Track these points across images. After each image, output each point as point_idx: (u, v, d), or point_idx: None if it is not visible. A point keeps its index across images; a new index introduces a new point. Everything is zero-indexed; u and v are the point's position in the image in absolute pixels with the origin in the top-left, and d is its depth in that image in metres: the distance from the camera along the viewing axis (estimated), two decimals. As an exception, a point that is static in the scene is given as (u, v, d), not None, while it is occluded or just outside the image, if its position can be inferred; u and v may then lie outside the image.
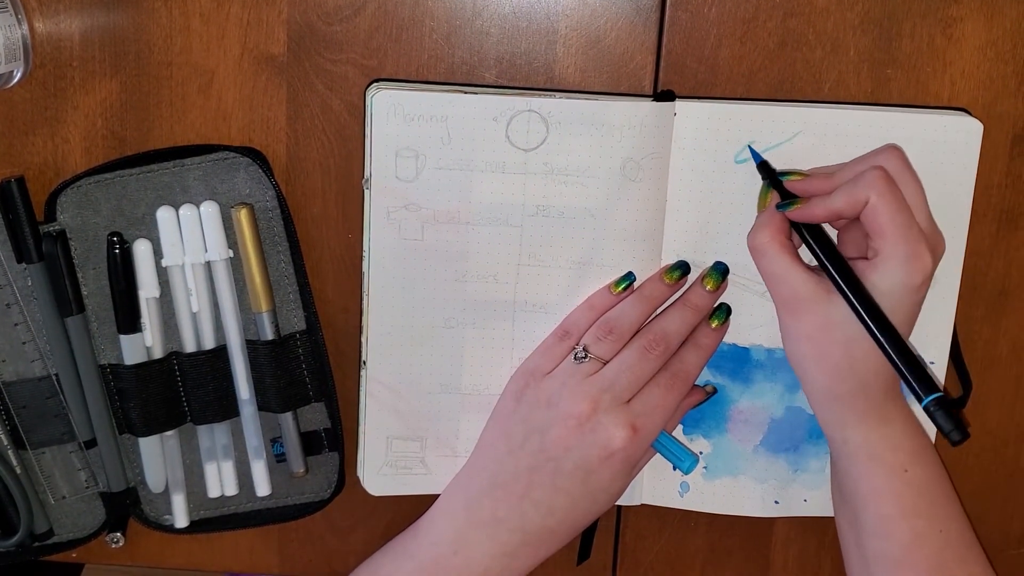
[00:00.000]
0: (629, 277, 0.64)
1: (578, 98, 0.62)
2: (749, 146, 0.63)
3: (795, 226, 0.61)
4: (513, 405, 0.64)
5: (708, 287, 0.64)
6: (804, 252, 0.62)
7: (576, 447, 0.61)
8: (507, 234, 0.64)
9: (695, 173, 0.63)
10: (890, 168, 0.59)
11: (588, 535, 0.70)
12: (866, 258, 0.59)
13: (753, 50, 0.63)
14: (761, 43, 0.63)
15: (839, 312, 0.58)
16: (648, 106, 0.62)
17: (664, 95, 0.63)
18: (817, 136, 0.62)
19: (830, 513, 0.68)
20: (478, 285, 0.65)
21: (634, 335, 0.63)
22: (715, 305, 0.65)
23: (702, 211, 0.64)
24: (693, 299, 0.64)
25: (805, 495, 0.68)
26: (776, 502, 0.68)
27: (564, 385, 0.62)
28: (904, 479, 0.60)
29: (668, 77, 0.64)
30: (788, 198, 0.61)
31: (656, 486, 0.68)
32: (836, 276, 0.58)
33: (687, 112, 0.62)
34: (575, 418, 0.61)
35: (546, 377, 0.63)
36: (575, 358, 0.62)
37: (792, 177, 0.62)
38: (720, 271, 0.64)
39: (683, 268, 0.64)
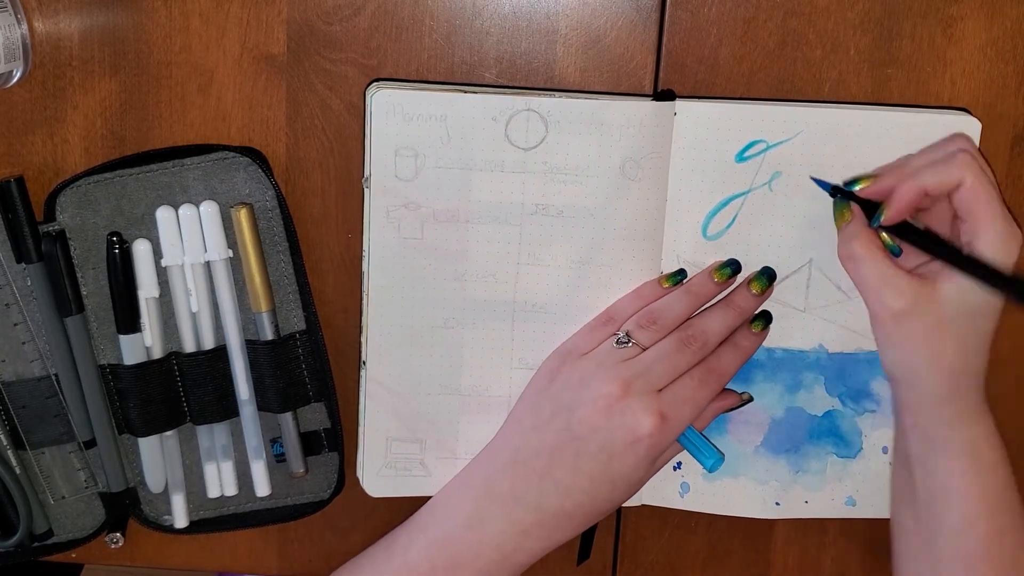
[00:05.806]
0: (681, 273, 0.64)
1: (577, 97, 0.62)
2: (814, 178, 0.62)
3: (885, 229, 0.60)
4: (545, 383, 0.63)
5: (754, 291, 0.63)
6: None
7: (603, 428, 0.60)
8: (506, 233, 0.64)
9: (695, 173, 0.63)
10: (973, 152, 0.59)
11: (588, 535, 0.70)
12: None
13: (753, 50, 0.63)
14: (761, 43, 0.63)
15: (950, 310, 0.58)
16: (648, 106, 0.62)
17: (664, 95, 0.63)
18: (817, 136, 0.62)
19: (831, 515, 0.68)
20: (478, 284, 0.64)
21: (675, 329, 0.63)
22: (758, 310, 0.65)
23: (702, 211, 0.64)
24: (737, 300, 0.64)
25: (806, 496, 0.68)
26: (777, 503, 0.68)
27: (600, 366, 0.62)
28: (996, 475, 0.60)
29: (668, 77, 0.64)
30: (868, 207, 0.60)
31: (656, 486, 0.68)
32: (952, 256, 0.57)
33: (687, 112, 0.62)
34: (604, 399, 0.60)
35: (583, 357, 0.63)
36: (616, 342, 0.62)
37: (861, 184, 0.60)
38: (767, 275, 0.64)
39: (733, 266, 0.64)
